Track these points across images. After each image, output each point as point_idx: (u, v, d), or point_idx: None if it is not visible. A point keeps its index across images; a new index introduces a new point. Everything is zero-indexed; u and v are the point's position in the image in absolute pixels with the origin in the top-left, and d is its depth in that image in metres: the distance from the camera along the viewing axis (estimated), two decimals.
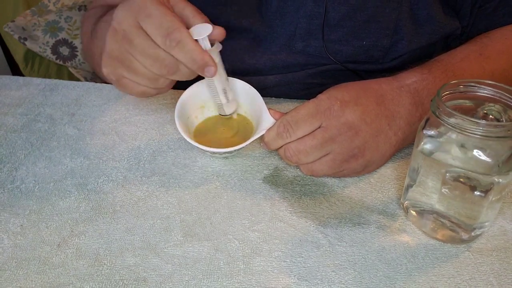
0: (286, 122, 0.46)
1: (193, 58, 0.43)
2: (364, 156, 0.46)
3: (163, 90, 0.49)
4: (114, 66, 0.46)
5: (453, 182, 0.39)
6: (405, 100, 0.48)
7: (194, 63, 0.43)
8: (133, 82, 0.47)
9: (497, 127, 0.36)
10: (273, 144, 0.47)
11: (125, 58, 0.45)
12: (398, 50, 0.59)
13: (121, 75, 0.46)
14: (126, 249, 0.42)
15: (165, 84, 0.47)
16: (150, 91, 0.48)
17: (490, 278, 0.40)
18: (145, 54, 0.43)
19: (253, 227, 0.44)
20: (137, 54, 0.44)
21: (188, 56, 0.43)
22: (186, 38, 0.42)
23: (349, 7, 0.57)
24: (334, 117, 0.44)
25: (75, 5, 0.90)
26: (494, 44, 0.57)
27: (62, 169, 0.51)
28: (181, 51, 0.43)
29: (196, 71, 0.44)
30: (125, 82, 0.47)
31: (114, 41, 0.45)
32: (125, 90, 0.48)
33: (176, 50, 0.42)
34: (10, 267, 0.41)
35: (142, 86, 0.47)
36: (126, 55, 0.44)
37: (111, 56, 0.46)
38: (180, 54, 0.43)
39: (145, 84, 0.47)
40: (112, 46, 0.45)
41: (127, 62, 0.45)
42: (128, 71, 0.46)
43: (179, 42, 0.42)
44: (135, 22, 0.43)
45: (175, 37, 0.42)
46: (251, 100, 0.53)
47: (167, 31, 0.42)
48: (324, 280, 0.40)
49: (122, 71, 0.46)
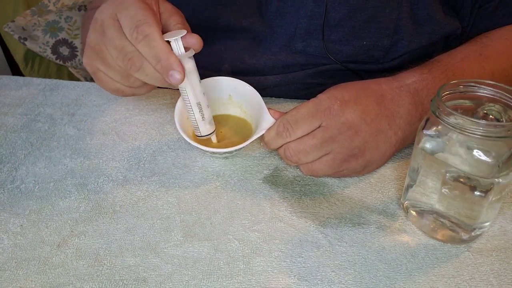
0: (286, 122, 0.46)
1: (157, 56, 0.41)
2: (364, 155, 0.46)
3: (139, 91, 0.47)
4: (92, 58, 0.45)
5: (453, 182, 0.39)
6: (405, 100, 0.48)
7: (157, 62, 0.41)
8: (107, 77, 0.46)
9: (497, 127, 0.36)
10: (273, 144, 0.47)
11: (100, 49, 0.44)
12: (398, 50, 0.59)
13: (97, 68, 0.46)
14: (126, 249, 0.42)
15: (137, 84, 0.46)
16: (124, 89, 0.47)
17: (490, 278, 0.40)
18: (113, 45, 0.42)
19: (253, 227, 0.44)
20: (108, 45, 0.43)
21: (153, 52, 0.41)
22: (154, 33, 0.41)
23: (349, 7, 0.57)
24: (334, 117, 0.44)
25: (75, 5, 0.90)
26: (494, 44, 0.57)
27: (62, 169, 0.51)
28: (146, 46, 0.41)
29: (160, 72, 0.42)
30: (100, 75, 0.46)
31: (93, 31, 0.44)
32: (101, 84, 0.47)
33: (142, 44, 0.41)
34: (10, 267, 0.41)
35: (115, 82, 0.46)
36: (102, 47, 0.44)
37: (89, 47, 0.45)
38: (144, 49, 0.41)
39: (118, 80, 0.45)
40: (92, 36, 0.45)
41: (101, 54, 0.44)
42: (102, 63, 0.45)
43: (146, 36, 0.41)
44: (113, 14, 0.43)
45: (143, 30, 0.41)
46: (251, 100, 0.53)
47: (136, 24, 0.41)
48: (324, 280, 0.40)
49: (97, 63, 0.45)
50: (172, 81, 0.42)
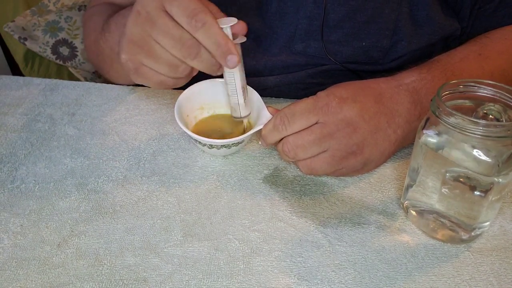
0: (283, 115, 0.46)
1: (218, 42, 0.42)
2: (363, 153, 0.46)
3: (181, 81, 0.48)
4: (133, 52, 0.45)
5: (453, 182, 0.39)
6: (404, 99, 0.48)
7: (217, 48, 0.43)
8: (152, 70, 0.46)
9: (497, 127, 0.36)
10: (270, 137, 0.47)
11: (146, 42, 0.44)
12: (398, 51, 0.59)
13: (140, 62, 0.45)
14: (126, 249, 0.42)
15: (185, 73, 0.46)
16: (168, 81, 0.47)
17: (490, 278, 0.40)
18: (168, 35, 0.43)
19: (253, 227, 0.44)
20: (159, 36, 0.43)
21: (213, 39, 0.42)
22: (212, 21, 0.42)
23: (349, 8, 0.57)
24: (332, 113, 0.44)
25: (75, 5, 0.90)
26: (494, 44, 0.57)
27: (62, 169, 0.51)
28: (206, 34, 0.42)
29: (218, 57, 0.43)
30: (143, 70, 0.46)
31: (136, 25, 0.44)
32: (143, 79, 0.47)
33: (201, 32, 0.42)
34: (10, 267, 0.41)
35: (160, 75, 0.46)
36: (147, 39, 0.44)
37: (130, 41, 0.45)
38: (204, 36, 0.42)
39: (164, 72, 0.46)
40: (133, 30, 0.44)
41: (147, 46, 0.44)
42: (148, 56, 0.45)
43: (205, 23, 0.42)
44: (160, 5, 0.43)
45: (201, 18, 0.42)
46: (251, 101, 0.53)
47: (193, 13, 0.42)
48: (324, 280, 0.40)
49: (142, 57, 0.45)
50: (230, 65, 0.44)
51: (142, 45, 0.44)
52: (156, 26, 0.43)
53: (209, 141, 0.48)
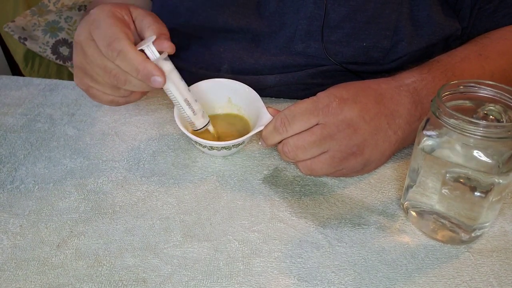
0: (284, 117, 0.46)
1: (135, 67, 0.43)
2: (363, 154, 0.46)
3: (131, 98, 0.50)
4: (80, 77, 0.49)
5: (453, 183, 0.39)
6: (404, 99, 0.48)
7: (137, 73, 0.44)
8: (99, 91, 0.49)
9: (497, 127, 0.36)
10: (270, 139, 0.47)
11: (85, 68, 0.47)
12: (398, 51, 0.59)
13: (88, 85, 0.49)
14: (125, 249, 0.42)
15: (127, 93, 0.49)
16: (118, 100, 0.50)
17: (490, 279, 0.40)
18: (96, 64, 0.45)
19: (253, 227, 0.44)
20: (91, 65, 0.46)
21: (130, 65, 0.43)
22: (126, 47, 0.43)
23: (349, 8, 0.57)
24: (333, 114, 0.44)
25: (75, 5, 0.89)
26: (494, 44, 0.57)
27: (61, 169, 0.51)
28: (123, 61, 0.43)
29: (143, 81, 0.44)
30: (92, 91, 0.49)
31: (76, 54, 0.48)
32: (95, 99, 0.50)
33: (118, 60, 0.44)
34: (10, 267, 0.41)
35: (108, 95, 0.49)
36: (86, 66, 0.47)
37: (76, 67, 0.48)
38: (122, 64, 0.44)
39: (110, 93, 0.48)
40: (76, 58, 0.48)
41: (89, 72, 0.47)
42: (92, 81, 0.48)
43: (120, 52, 0.43)
44: (88, 35, 0.45)
45: (115, 47, 0.43)
46: (249, 100, 0.53)
47: (108, 41, 0.43)
48: (324, 281, 0.40)
49: (87, 80, 0.48)
50: (155, 85, 0.44)
51: (84, 71, 0.48)
52: (87, 55, 0.46)
53: (209, 143, 0.48)
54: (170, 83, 0.46)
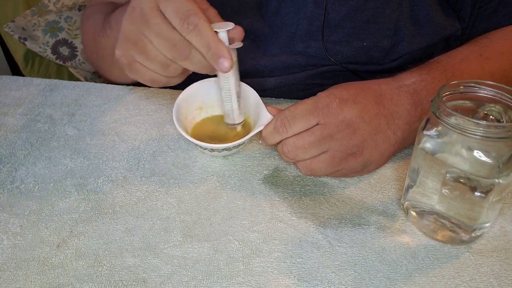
0: (284, 117, 0.46)
1: (209, 44, 0.42)
2: (362, 154, 0.46)
3: (174, 80, 0.49)
4: (127, 48, 0.46)
5: (453, 183, 0.39)
6: (404, 100, 0.48)
7: (208, 50, 0.43)
8: (144, 67, 0.46)
9: (498, 128, 0.36)
10: (270, 139, 0.47)
11: (139, 39, 0.44)
12: (399, 51, 0.59)
13: (133, 58, 0.46)
14: (125, 249, 0.42)
15: (176, 73, 0.47)
16: (160, 79, 0.47)
17: (491, 279, 0.40)
18: (160, 35, 0.43)
19: (253, 227, 0.44)
20: (151, 35, 0.44)
21: (204, 42, 0.42)
22: (204, 23, 0.42)
23: (349, 8, 0.57)
24: (333, 115, 0.44)
25: (75, 5, 0.89)
26: (494, 45, 0.57)
27: (61, 170, 0.51)
28: (197, 36, 0.42)
29: (209, 60, 0.43)
30: (136, 66, 0.47)
31: (130, 22, 0.45)
32: (136, 75, 0.48)
33: (192, 34, 0.42)
34: (10, 267, 0.41)
35: (152, 72, 0.47)
36: (140, 37, 0.44)
37: (125, 37, 0.46)
38: (195, 38, 0.42)
39: (156, 69, 0.46)
40: (128, 27, 0.45)
41: (140, 43, 0.45)
42: (140, 53, 0.45)
43: (196, 26, 0.42)
44: (154, 4, 0.43)
45: (193, 20, 0.42)
46: (249, 100, 0.53)
47: (185, 14, 0.42)
48: (324, 281, 0.40)
49: (134, 53, 0.46)
50: (222, 68, 0.43)
51: (135, 42, 0.45)
52: (149, 25, 0.43)
53: (210, 146, 0.48)
54: (232, 73, 0.46)
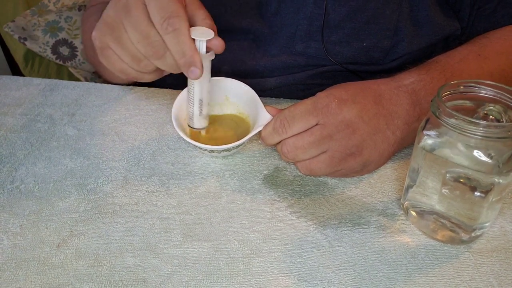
0: (283, 117, 0.46)
1: (183, 51, 0.42)
2: (362, 154, 0.46)
3: (146, 76, 0.48)
4: (104, 33, 0.46)
5: (453, 183, 0.39)
6: (403, 100, 0.48)
7: (182, 56, 0.43)
8: (116, 55, 0.46)
9: (498, 127, 0.36)
10: (270, 139, 0.47)
11: (117, 27, 0.44)
12: (398, 51, 0.59)
13: (107, 44, 0.46)
14: (125, 249, 0.42)
15: (147, 69, 0.47)
16: (130, 71, 0.47)
17: (490, 279, 0.40)
18: (137, 28, 0.43)
19: (253, 227, 0.44)
20: (129, 27, 0.43)
21: (180, 47, 0.42)
22: (184, 28, 0.42)
23: (349, 9, 0.57)
24: (332, 115, 0.44)
25: (75, 5, 0.89)
26: (493, 44, 0.57)
27: (61, 169, 0.51)
28: (174, 39, 0.42)
29: (180, 66, 0.44)
30: (108, 52, 0.46)
31: (113, 8, 0.45)
32: (107, 61, 0.47)
33: (170, 36, 0.42)
34: (10, 267, 0.41)
35: (123, 63, 0.46)
36: (119, 25, 0.44)
37: (104, 22, 0.45)
38: (171, 41, 0.42)
39: (127, 61, 0.46)
40: (109, 12, 0.45)
41: (117, 31, 0.44)
42: (115, 41, 0.45)
43: (176, 29, 0.42)
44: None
45: (173, 22, 0.42)
46: (248, 99, 0.53)
47: (168, 15, 0.42)
48: (324, 280, 0.40)
49: (109, 40, 0.45)
50: (191, 76, 0.44)
51: (112, 28, 0.45)
52: (130, 16, 0.43)
53: (209, 147, 0.48)
54: (199, 80, 0.46)
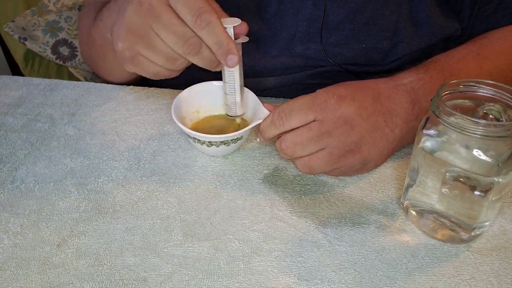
0: (281, 110, 0.46)
1: (220, 42, 0.44)
2: (361, 151, 0.46)
3: (176, 72, 0.49)
4: (132, 41, 0.45)
5: (453, 182, 0.39)
6: (402, 99, 0.48)
7: (219, 47, 0.44)
8: (149, 61, 0.46)
9: (497, 127, 0.36)
10: (268, 132, 0.47)
11: (146, 33, 0.44)
12: (398, 52, 0.59)
13: (138, 52, 0.46)
14: (126, 249, 0.42)
15: (182, 67, 0.47)
16: (164, 72, 0.48)
17: (490, 277, 0.40)
18: (171, 30, 0.44)
19: (253, 227, 0.44)
20: (161, 30, 0.44)
21: (216, 39, 0.44)
22: (216, 21, 0.43)
23: (349, 10, 0.57)
24: (330, 111, 0.45)
25: (75, 5, 0.90)
26: (493, 44, 0.57)
27: (62, 169, 0.51)
28: (210, 33, 0.43)
29: (219, 56, 0.45)
30: (140, 60, 0.46)
31: (137, 15, 0.45)
32: (139, 68, 0.48)
33: (205, 31, 0.43)
34: (10, 267, 0.41)
35: (157, 66, 0.47)
36: (148, 31, 0.44)
37: (130, 30, 0.45)
38: (208, 36, 0.43)
39: (162, 63, 0.46)
40: (134, 20, 0.45)
41: (147, 38, 0.45)
42: (147, 48, 0.45)
43: (209, 23, 0.43)
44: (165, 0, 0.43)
45: (206, 18, 0.43)
46: (246, 101, 0.53)
47: (198, 12, 0.43)
48: (324, 280, 0.40)
49: (140, 47, 0.45)
50: (230, 64, 0.45)
51: (141, 35, 0.45)
52: (160, 20, 0.44)
53: (208, 137, 0.48)
54: (237, 67, 0.47)
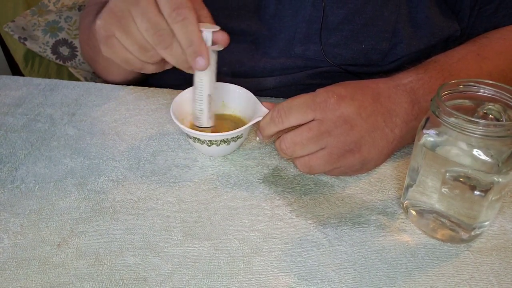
0: (281, 108, 0.46)
1: (191, 40, 0.43)
2: (361, 151, 0.46)
3: (149, 67, 0.48)
4: (110, 21, 0.46)
5: (453, 182, 0.39)
6: (401, 99, 0.48)
7: (190, 45, 0.43)
8: (121, 45, 0.46)
9: (497, 126, 0.36)
10: (267, 130, 0.47)
11: (124, 16, 0.44)
12: (397, 53, 0.59)
13: (112, 32, 0.46)
14: (126, 248, 0.42)
15: (153, 60, 0.47)
16: (134, 61, 0.47)
17: (490, 277, 0.40)
18: (146, 17, 0.43)
19: (253, 226, 0.45)
20: (138, 16, 0.44)
21: (188, 35, 0.43)
22: (192, 18, 0.43)
23: (348, 11, 0.57)
24: (330, 110, 0.45)
25: (75, 5, 0.90)
26: (493, 44, 0.57)
27: (62, 169, 0.51)
28: (182, 28, 0.43)
29: (188, 55, 0.44)
30: (113, 42, 0.46)
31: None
32: (111, 51, 0.47)
33: (179, 25, 0.43)
34: (10, 266, 0.41)
35: (128, 53, 0.46)
36: (126, 14, 0.44)
37: (110, 10, 0.45)
38: (180, 31, 0.43)
39: (133, 50, 0.46)
40: (116, 2, 0.45)
41: (124, 21, 0.44)
42: (121, 30, 0.45)
43: (185, 19, 0.42)
44: None
45: (183, 12, 0.42)
46: (243, 100, 0.53)
47: (177, 5, 0.42)
48: (324, 279, 0.40)
49: (115, 28, 0.45)
50: (197, 66, 0.44)
51: (119, 17, 0.45)
52: (138, 5, 0.44)
53: (208, 136, 0.48)
54: (207, 74, 0.46)
